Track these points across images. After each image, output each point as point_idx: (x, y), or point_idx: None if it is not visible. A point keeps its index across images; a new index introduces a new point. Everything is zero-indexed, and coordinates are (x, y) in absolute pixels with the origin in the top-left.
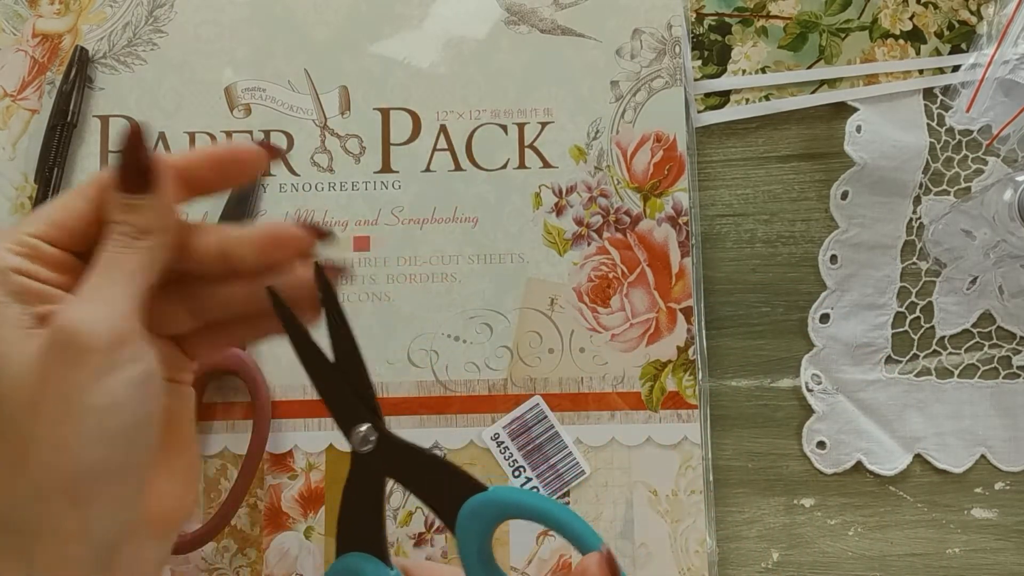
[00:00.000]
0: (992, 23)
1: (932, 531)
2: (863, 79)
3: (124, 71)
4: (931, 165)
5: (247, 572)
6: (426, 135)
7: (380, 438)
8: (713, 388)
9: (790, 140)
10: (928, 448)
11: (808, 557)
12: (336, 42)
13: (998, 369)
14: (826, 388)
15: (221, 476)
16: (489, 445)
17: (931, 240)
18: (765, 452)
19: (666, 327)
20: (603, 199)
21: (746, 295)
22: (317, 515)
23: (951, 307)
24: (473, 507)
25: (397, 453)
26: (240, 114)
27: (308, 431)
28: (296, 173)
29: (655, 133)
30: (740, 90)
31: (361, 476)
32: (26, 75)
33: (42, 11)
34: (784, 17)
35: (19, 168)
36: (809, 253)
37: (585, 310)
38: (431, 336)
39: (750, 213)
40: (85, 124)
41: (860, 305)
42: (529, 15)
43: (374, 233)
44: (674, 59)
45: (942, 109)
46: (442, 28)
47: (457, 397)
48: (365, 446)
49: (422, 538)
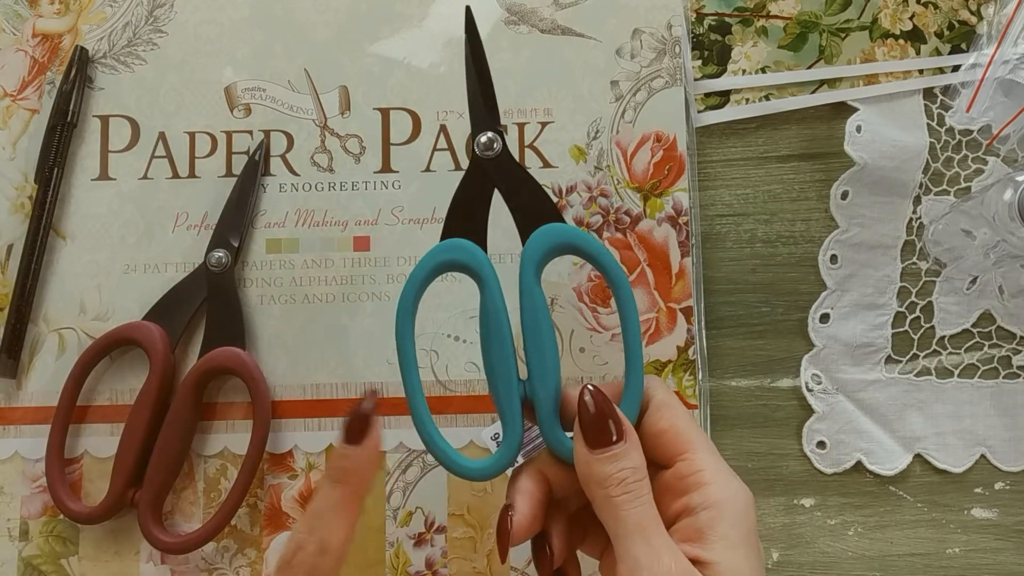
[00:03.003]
0: (992, 23)
1: (932, 531)
2: (863, 79)
3: (124, 71)
4: (931, 165)
5: (247, 572)
6: (426, 135)
7: (503, 151)
8: (713, 388)
9: (790, 140)
10: (928, 448)
11: (808, 557)
12: (336, 42)
13: (998, 369)
14: (826, 388)
15: (221, 476)
16: (489, 445)
17: (931, 240)
18: (765, 452)
19: (666, 327)
20: (603, 199)
21: (746, 295)
22: None
23: (951, 307)
24: (547, 229)
25: (509, 169)
26: (240, 114)
27: (308, 431)
28: (296, 173)
29: (655, 133)
30: (740, 90)
31: (475, 177)
32: (26, 75)
33: (42, 11)
34: (784, 17)
35: (19, 168)
36: (809, 253)
37: (585, 310)
38: (431, 336)
39: (750, 213)
40: (85, 124)
41: (860, 305)
42: (529, 15)
43: (374, 233)
44: (674, 59)
45: (942, 109)
46: (442, 28)
47: (457, 397)
48: (488, 151)
49: (422, 538)
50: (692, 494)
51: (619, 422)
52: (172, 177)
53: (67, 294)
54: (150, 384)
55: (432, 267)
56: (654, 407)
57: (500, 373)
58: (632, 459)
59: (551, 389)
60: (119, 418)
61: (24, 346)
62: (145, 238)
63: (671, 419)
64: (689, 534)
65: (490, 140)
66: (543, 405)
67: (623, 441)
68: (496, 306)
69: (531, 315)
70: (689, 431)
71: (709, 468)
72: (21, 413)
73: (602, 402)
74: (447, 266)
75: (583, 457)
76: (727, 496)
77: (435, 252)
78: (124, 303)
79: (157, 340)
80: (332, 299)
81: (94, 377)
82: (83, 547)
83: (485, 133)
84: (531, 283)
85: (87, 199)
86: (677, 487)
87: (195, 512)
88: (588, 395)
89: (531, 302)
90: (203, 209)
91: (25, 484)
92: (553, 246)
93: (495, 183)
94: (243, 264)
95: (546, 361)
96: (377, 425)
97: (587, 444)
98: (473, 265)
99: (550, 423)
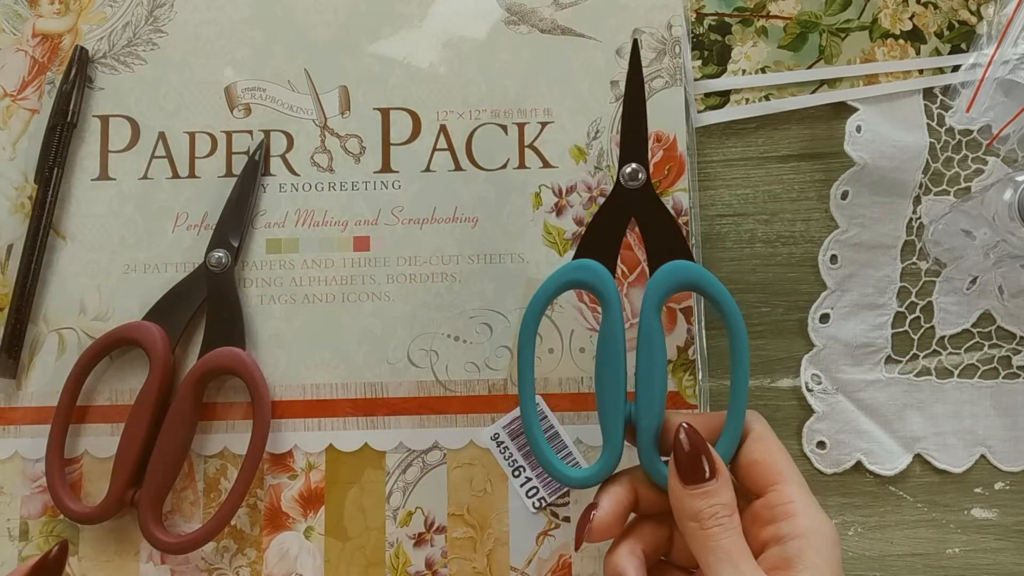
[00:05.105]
0: (992, 23)
1: (932, 531)
2: (863, 79)
3: (124, 71)
4: (931, 165)
5: (247, 572)
6: (426, 135)
7: (646, 183)
8: (713, 388)
9: (790, 140)
10: (928, 448)
11: None
12: (336, 42)
13: (998, 369)
14: (826, 388)
15: (221, 476)
16: (489, 445)
17: (931, 240)
18: None
19: (666, 327)
20: (603, 199)
21: (746, 295)
22: (317, 515)
23: (951, 307)
24: (675, 265)
25: (649, 201)
26: (240, 114)
27: (308, 431)
28: (296, 173)
29: (655, 133)
30: (740, 90)
31: (616, 205)
32: (26, 75)
33: (42, 11)
34: (784, 17)
35: (19, 168)
36: (809, 253)
37: (585, 310)
38: (431, 336)
39: (750, 213)
40: (85, 124)
41: (860, 305)
42: (529, 15)
43: (374, 233)
44: (674, 59)
45: (942, 109)
46: (442, 28)
47: (457, 397)
48: (633, 181)
49: (422, 538)
50: (781, 523)
51: (712, 460)
52: (172, 177)
53: (67, 294)
54: (150, 384)
55: (561, 283)
56: (751, 439)
57: (610, 392)
58: (723, 496)
59: (655, 418)
60: (119, 418)
61: (24, 346)
62: (145, 238)
63: (765, 451)
64: (777, 563)
65: (635, 171)
66: (645, 433)
67: (715, 479)
68: (616, 327)
69: (647, 343)
70: (781, 463)
71: (799, 500)
72: (21, 413)
73: (696, 440)
74: (575, 284)
75: (676, 491)
76: (815, 527)
77: (566, 270)
78: (124, 303)
79: (157, 340)
80: (332, 299)
81: (94, 377)
82: (83, 547)
83: (631, 164)
84: (651, 314)
85: (87, 199)
86: (767, 516)
87: (195, 512)
88: (683, 433)
89: (648, 331)
90: (203, 209)
91: (25, 484)
92: (678, 282)
93: (633, 212)
94: (243, 264)
95: (655, 391)
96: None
97: (681, 480)
98: (600, 287)
99: (649, 450)
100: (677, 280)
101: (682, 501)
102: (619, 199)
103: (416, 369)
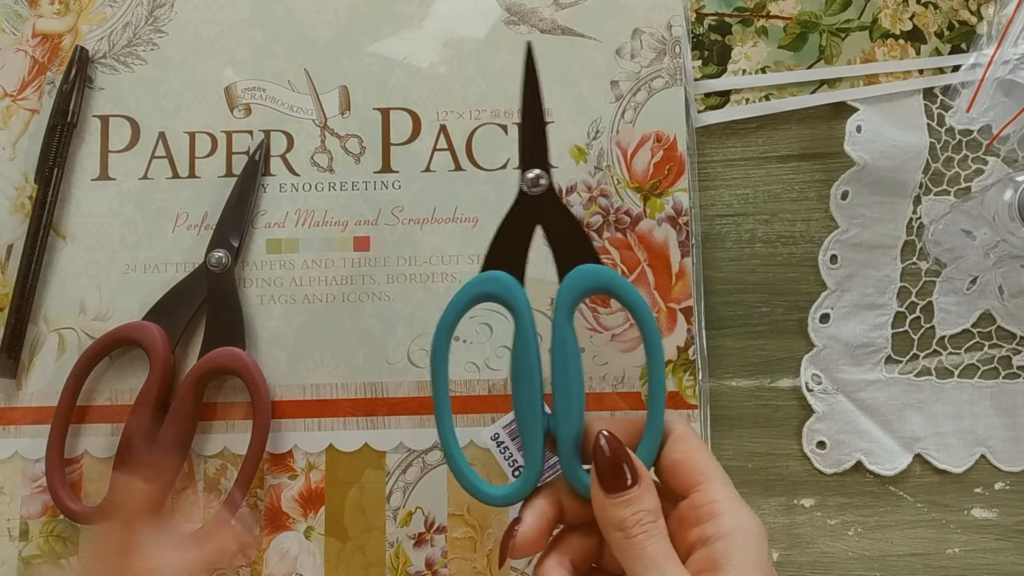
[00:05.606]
0: (992, 23)
1: (932, 531)
2: (863, 79)
3: (124, 71)
4: (931, 165)
5: (247, 572)
6: (426, 135)
7: (549, 189)
8: (713, 388)
9: (790, 140)
10: (928, 448)
11: (808, 557)
12: (336, 42)
13: (998, 369)
14: (826, 388)
15: (221, 476)
16: (489, 445)
17: (931, 240)
18: (765, 452)
19: (666, 327)
20: (603, 199)
21: (746, 295)
22: (317, 515)
23: (951, 307)
24: (582, 270)
25: (553, 207)
26: (240, 114)
27: (308, 431)
28: (296, 173)
29: (655, 133)
30: (740, 90)
31: (520, 213)
32: (26, 75)
33: (42, 11)
34: (784, 17)
35: (19, 168)
36: (809, 253)
37: (585, 310)
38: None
39: (750, 213)
40: (85, 124)
41: (860, 305)
42: (529, 15)
43: (374, 233)
44: (674, 59)
45: (942, 109)
46: (442, 28)
47: (457, 397)
48: (534, 188)
49: (422, 538)
50: (706, 524)
51: (633, 466)
52: (172, 177)
53: (67, 294)
54: (150, 384)
55: (470, 298)
56: (672, 440)
57: (526, 405)
58: (646, 502)
59: (574, 428)
60: (119, 418)
61: (24, 346)
62: (145, 238)
63: (687, 451)
64: (704, 565)
65: (537, 177)
66: (564, 443)
67: (637, 485)
68: (528, 339)
69: (560, 353)
70: (704, 463)
71: (723, 499)
72: (21, 413)
73: (616, 448)
74: (484, 297)
75: (599, 501)
76: (741, 526)
77: (473, 283)
78: (124, 303)
79: (157, 340)
80: (332, 299)
81: (94, 377)
82: (83, 547)
83: (533, 170)
84: (563, 321)
85: (87, 199)
86: (692, 517)
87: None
88: (603, 440)
89: (561, 340)
90: (203, 209)
91: (25, 484)
92: (588, 286)
93: (538, 219)
94: (243, 264)
95: (571, 400)
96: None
97: (603, 489)
98: (508, 298)
99: (570, 459)
100: (587, 284)
101: (605, 511)
102: (523, 207)
103: (416, 369)
